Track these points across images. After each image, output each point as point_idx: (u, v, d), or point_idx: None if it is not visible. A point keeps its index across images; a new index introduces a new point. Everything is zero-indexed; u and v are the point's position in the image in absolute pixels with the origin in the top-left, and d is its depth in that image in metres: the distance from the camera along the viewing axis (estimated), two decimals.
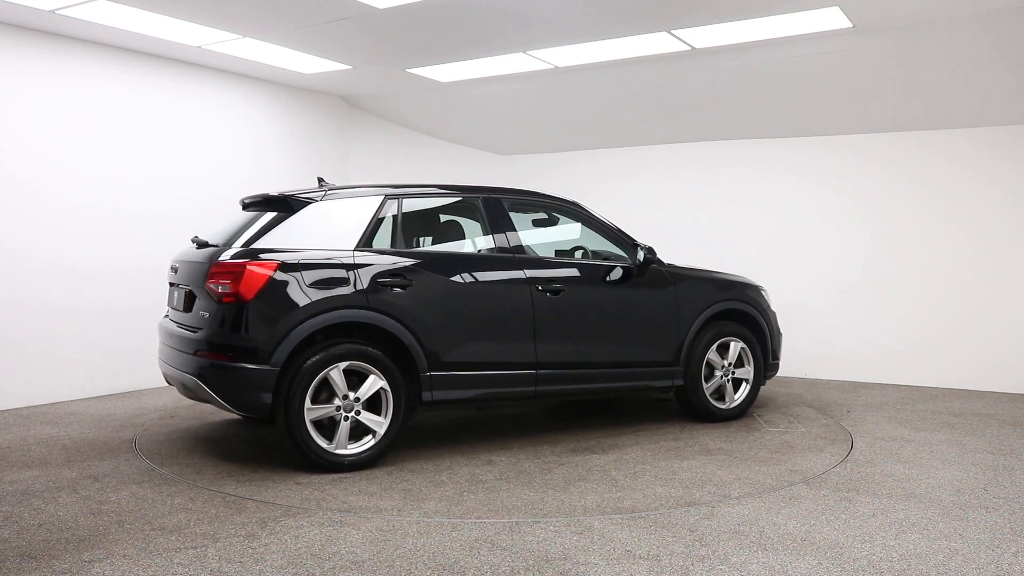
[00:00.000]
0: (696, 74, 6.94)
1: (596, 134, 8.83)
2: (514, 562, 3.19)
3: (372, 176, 8.56)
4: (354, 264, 4.56)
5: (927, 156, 7.39)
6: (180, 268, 4.92)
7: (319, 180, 5.15)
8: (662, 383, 5.57)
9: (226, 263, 4.43)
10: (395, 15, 5.66)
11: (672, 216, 8.55)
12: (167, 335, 4.92)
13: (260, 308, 4.34)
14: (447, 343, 4.73)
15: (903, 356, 7.50)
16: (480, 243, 5.16)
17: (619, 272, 5.45)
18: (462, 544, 3.38)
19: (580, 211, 5.60)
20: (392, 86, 7.88)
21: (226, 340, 4.37)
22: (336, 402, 4.44)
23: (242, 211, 5.11)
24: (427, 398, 4.70)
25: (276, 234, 4.57)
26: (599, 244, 5.68)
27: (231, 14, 5.77)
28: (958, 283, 7.26)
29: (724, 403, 5.80)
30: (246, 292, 4.33)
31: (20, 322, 6.14)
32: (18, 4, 5.51)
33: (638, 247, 5.49)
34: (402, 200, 4.94)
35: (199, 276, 4.56)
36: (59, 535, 3.44)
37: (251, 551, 3.28)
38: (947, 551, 3.32)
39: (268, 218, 4.71)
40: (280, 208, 4.76)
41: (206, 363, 4.42)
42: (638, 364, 5.47)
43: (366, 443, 4.52)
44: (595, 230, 5.61)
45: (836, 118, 7.50)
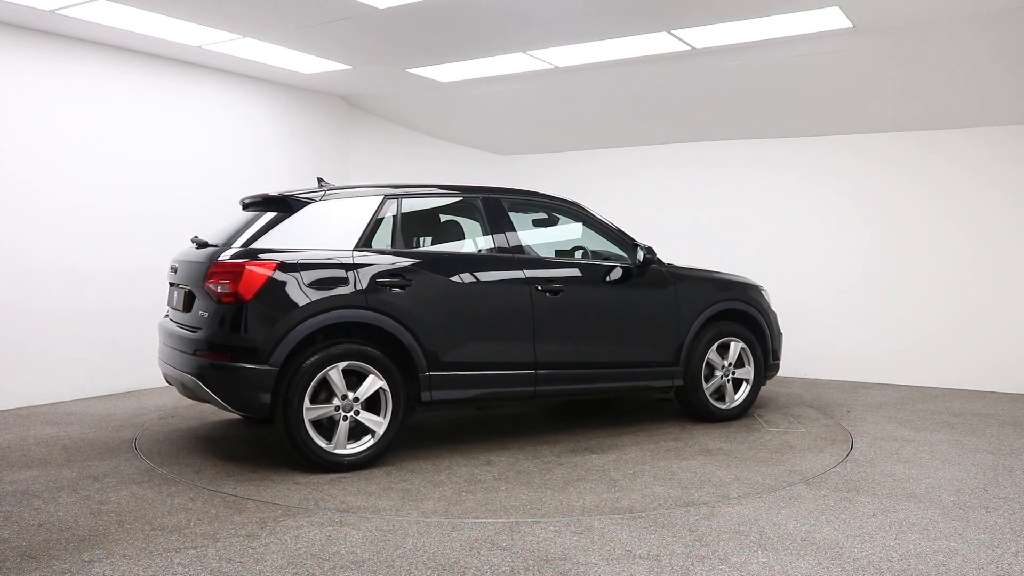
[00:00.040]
0: (696, 74, 6.94)
1: (596, 134, 8.83)
2: (514, 562, 3.19)
3: (372, 176, 8.56)
4: (353, 264, 4.56)
5: (927, 156, 7.38)
6: (180, 268, 4.92)
7: (319, 180, 5.15)
8: (662, 383, 5.57)
9: (225, 263, 4.43)
10: (395, 15, 5.66)
11: (672, 216, 8.55)
12: (167, 335, 4.92)
13: (259, 308, 4.34)
14: (446, 343, 4.73)
15: (903, 356, 7.50)
16: (480, 243, 5.16)
17: (619, 272, 5.44)
18: (462, 544, 3.38)
19: (580, 211, 5.59)
20: (392, 86, 7.88)
21: (225, 340, 4.37)
22: (335, 402, 4.44)
23: (242, 211, 5.11)
24: (426, 398, 4.70)
25: (275, 234, 4.58)
26: (599, 244, 5.67)
27: (231, 14, 5.77)
28: (958, 283, 7.25)
29: (724, 403, 5.80)
30: (245, 292, 4.33)
31: (20, 322, 6.14)
32: (18, 4, 5.51)
33: (638, 247, 5.48)
34: (401, 200, 4.94)
35: (198, 276, 4.56)
36: (59, 535, 3.44)
37: (251, 551, 3.28)
38: (947, 551, 3.32)
39: (267, 218, 4.71)
40: (279, 208, 4.76)
41: (205, 363, 4.42)
42: (638, 364, 5.47)
43: (365, 443, 4.52)
44: (595, 230, 5.60)
45: (836, 118, 7.50)
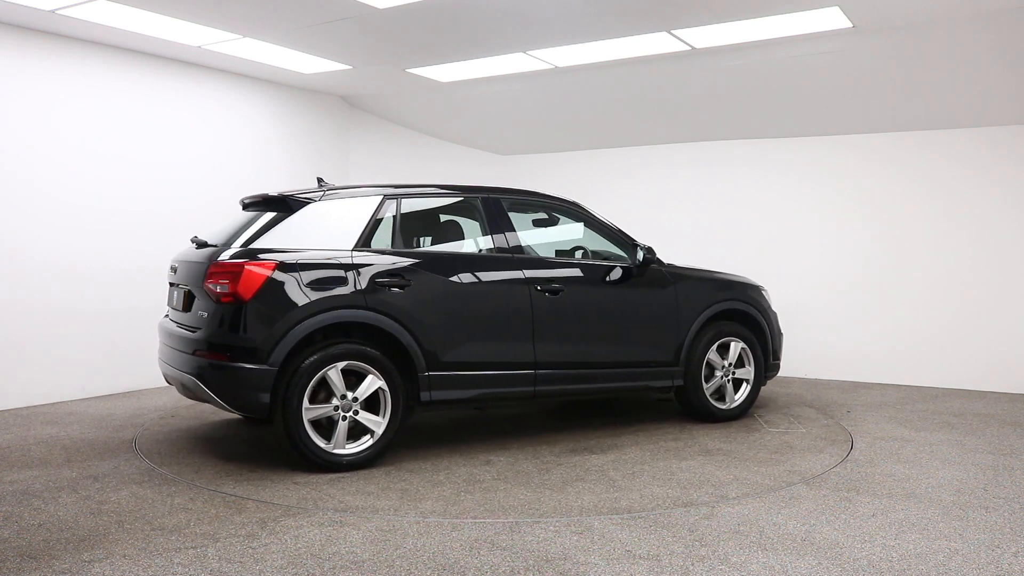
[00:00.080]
0: (696, 74, 6.94)
1: (596, 134, 8.83)
2: (514, 562, 3.18)
3: (372, 176, 8.56)
4: (352, 264, 4.56)
5: (927, 156, 7.38)
6: (179, 268, 4.92)
7: (318, 180, 5.15)
8: (662, 383, 5.57)
9: (224, 263, 4.43)
10: (395, 15, 5.66)
11: (672, 216, 8.55)
12: (167, 335, 4.93)
13: (258, 308, 4.34)
14: (445, 343, 4.73)
15: (903, 356, 7.49)
16: (479, 243, 5.16)
17: (618, 272, 5.44)
18: (462, 544, 3.38)
19: (580, 211, 5.59)
20: (392, 86, 7.88)
21: (224, 340, 4.37)
22: (334, 402, 4.44)
23: (242, 211, 5.11)
24: (425, 398, 4.70)
25: (275, 234, 4.58)
26: (599, 244, 5.67)
27: (231, 14, 5.77)
28: (958, 283, 7.25)
29: (724, 403, 5.80)
30: (244, 292, 4.33)
31: (20, 322, 6.14)
32: (18, 4, 5.51)
33: (638, 247, 5.48)
34: (401, 200, 4.94)
35: (198, 276, 4.56)
36: (59, 535, 3.44)
37: (251, 551, 3.28)
38: (947, 551, 3.32)
39: (267, 218, 4.71)
40: (279, 208, 4.76)
41: (205, 363, 4.42)
42: (638, 364, 5.46)
43: (364, 443, 4.52)
44: (595, 230, 5.60)
45: (836, 118, 7.50)
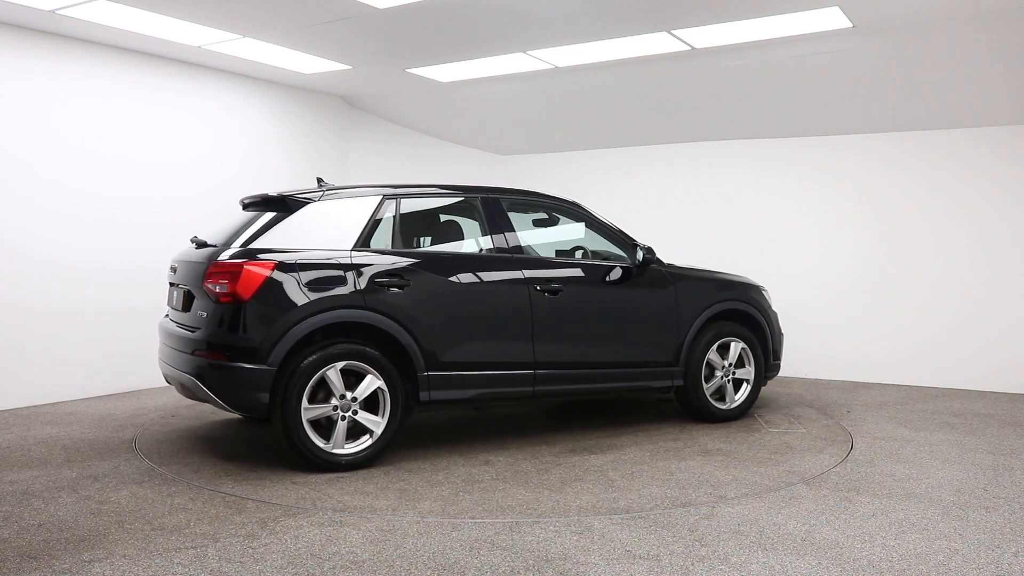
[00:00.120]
0: (696, 74, 6.94)
1: (596, 134, 8.83)
2: (514, 562, 3.18)
3: (372, 176, 8.56)
4: (351, 264, 4.56)
5: (927, 156, 7.38)
6: (179, 268, 4.92)
7: (318, 180, 5.15)
8: (662, 383, 5.56)
9: (224, 263, 4.43)
10: (395, 15, 5.66)
11: (672, 216, 8.55)
12: (167, 335, 4.93)
13: (257, 308, 4.34)
14: (445, 343, 4.73)
15: (903, 356, 7.49)
16: (479, 243, 5.15)
17: (618, 272, 5.44)
18: (462, 544, 3.38)
19: (580, 211, 5.59)
20: (392, 86, 7.88)
21: (224, 340, 4.37)
22: (333, 402, 4.44)
23: (242, 211, 5.11)
24: (424, 398, 4.70)
25: (274, 234, 4.58)
26: (599, 244, 5.67)
27: (231, 14, 5.77)
28: (958, 283, 7.25)
29: (724, 403, 5.79)
30: (243, 292, 4.33)
31: (20, 322, 6.14)
32: (18, 4, 5.51)
33: (637, 247, 5.48)
34: (400, 200, 4.94)
35: (197, 276, 4.56)
36: (59, 535, 3.44)
37: (251, 551, 3.28)
38: (947, 551, 3.32)
39: (267, 218, 4.71)
40: (278, 208, 4.76)
41: (204, 363, 4.42)
42: (637, 364, 5.46)
43: (363, 443, 4.52)
44: (595, 230, 5.60)
45: (836, 118, 7.50)
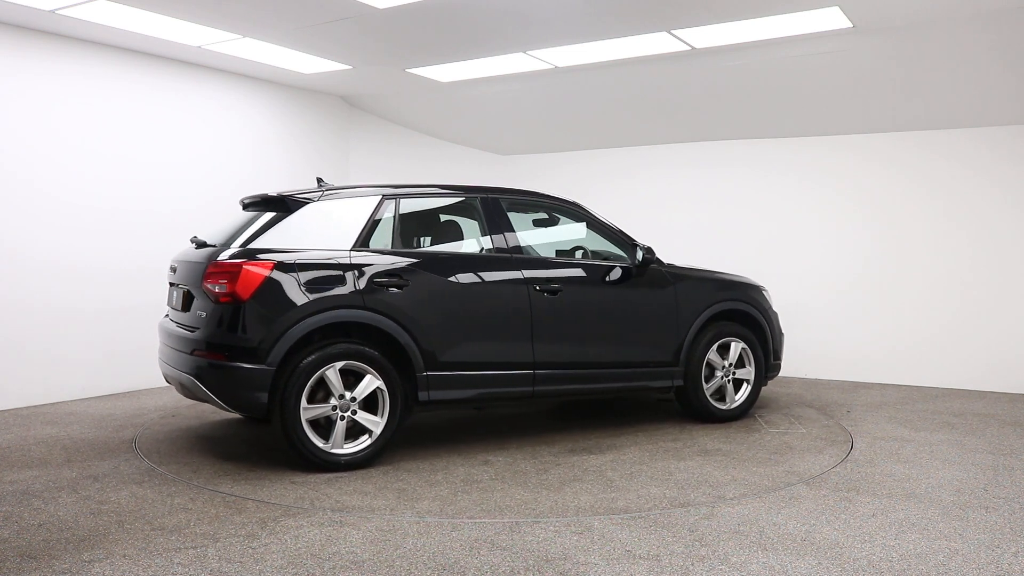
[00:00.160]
0: (696, 74, 6.94)
1: (596, 134, 8.83)
2: (514, 562, 3.18)
3: (372, 176, 8.56)
4: (351, 264, 4.56)
5: (927, 156, 7.38)
6: (179, 268, 4.92)
7: (318, 180, 5.15)
8: (661, 383, 5.56)
9: (223, 263, 4.43)
10: (395, 15, 5.66)
11: (672, 216, 8.55)
12: (166, 335, 4.93)
13: (256, 308, 4.34)
14: (444, 343, 4.73)
15: (903, 356, 7.49)
16: (478, 243, 5.15)
17: (618, 272, 5.44)
18: (462, 544, 3.38)
19: (580, 211, 5.59)
20: (392, 86, 7.88)
21: (223, 340, 4.37)
22: (332, 402, 4.44)
23: (243, 211, 5.11)
24: (424, 398, 4.69)
25: (274, 234, 4.58)
26: (599, 244, 5.67)
27: (231, 14, 5.77)
28: (958, 283, 7.25)
29: (725, 404, 5.79)
30: (242, 292, 4.33)
31: (20, 322, 6.14)
32: (18, 4, 5.51)
33: (637, 247, 5.48)
34: (400, 200, 4.94)
35: (197, 276, 4.56)
36: (59, 535, 3.44)
37: (251, 551, 3.28)
38: (947, 551, 3.32)
39: (266, 218, 4.71)
40: (278, 208, 4.76)
41: (203, 362, 4.42)
42: (637, 364, 5.46)
43: (362, 443, 4.52)
44: (594, 230, 5.60)
45: (836, 118, 7.50)
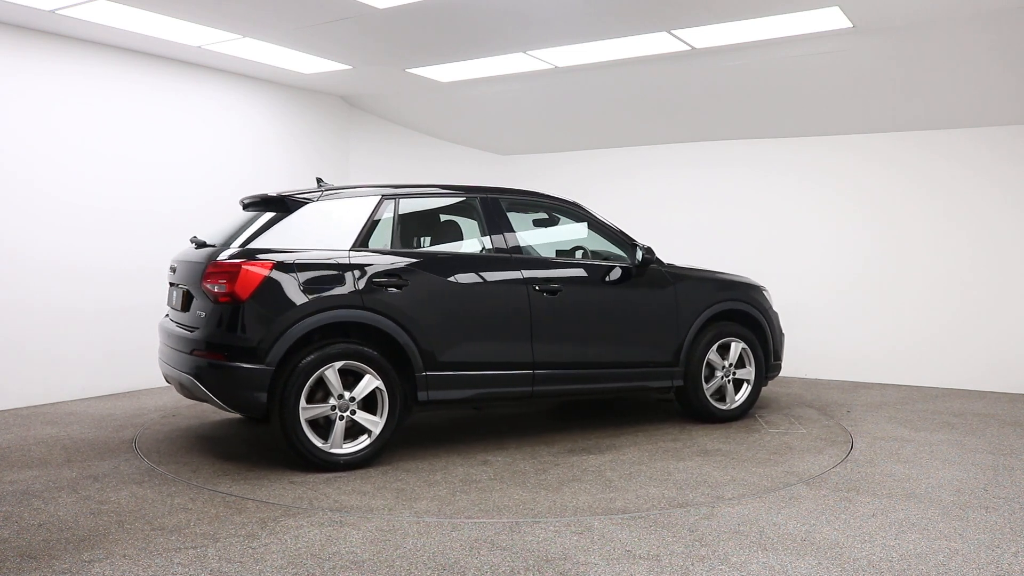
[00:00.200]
0: (696, 74, 6.94)
1: (596, 134, 8.82)
2: (514, 562, 3.18)
3: (372, 176, 8.56)
4: (350, 264, 4.56)
5: (927, 156, 7.38)
6: (178, 268, 4.93)
7: (318, 180, 5.15)
8: (661, 383, 5.56)
9: (222, 263, 4.43)
10: (395, 15, 5.66)
11: (672, 216, 8.55)
12: (166, 335, 4.93)
13: (255, 308, 4.34)
14: (443, 343, 4.73)
15: (903, 356, 7.49)
16: (478, 243, 5.15)
17: (618, 272, 5.44)
18: (462, 544, 3.38)
19: (579, 211, 5.59)
20: (392, 86, 7.88)
21: (222, 340, 4.37)
22: (331, 401, 4.45)
23: (242, 211, 5.11)
24: (423, 398, 4.69)
25: (273, 234, 4.58)
26: (599, 244, 5.67)
27: (231, 14, 5.77)
28: (958, 283, 7.25)
29: (725, 404, 5.79)
30: (242, 292, 4.33)
31: (20, 322, 6.14)
32: (18, 4, 5.51)
33: (637, 247, 5.48)
34: (399, 200, 4.93)
35: (196, 276, 4.56)
36: (59, 535, 3.44)
37: (251, 551, 3.28)
38: (947, 551, 3.32)
39: (266, 218, 4.71)
40: (278, 208, 4.76)
41: (202, 362, 4.42)
42: (637, 364, 5.46)
43: (361, 443, 4.52)
44: (594, 230, 5.59)
45: (836, 118, 7.50)
